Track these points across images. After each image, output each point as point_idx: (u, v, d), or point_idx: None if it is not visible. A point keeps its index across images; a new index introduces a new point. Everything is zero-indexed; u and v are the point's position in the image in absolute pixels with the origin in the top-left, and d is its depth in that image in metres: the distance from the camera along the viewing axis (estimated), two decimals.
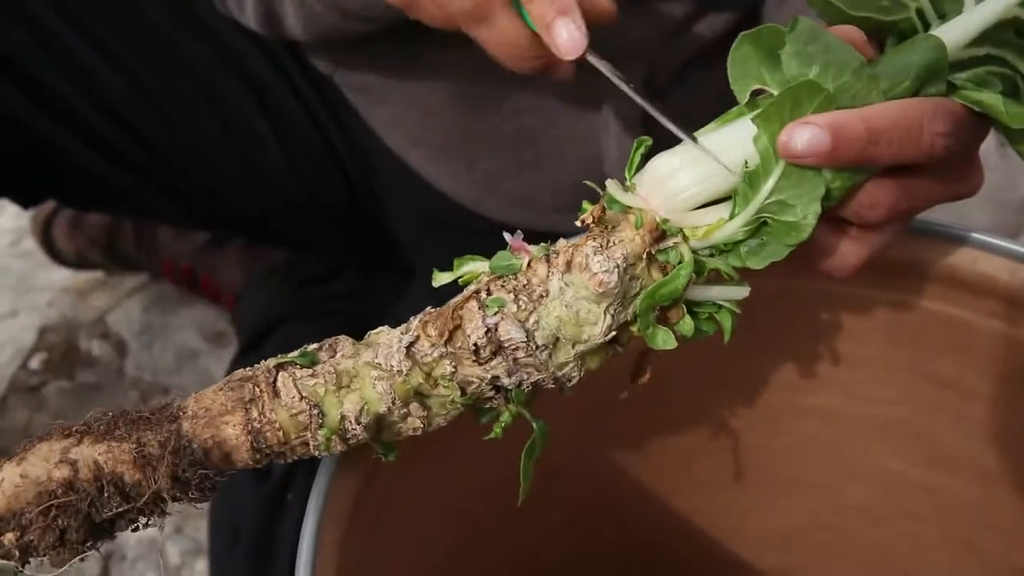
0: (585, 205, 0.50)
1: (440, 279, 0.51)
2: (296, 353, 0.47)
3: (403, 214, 0.95)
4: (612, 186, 0.49)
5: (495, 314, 0.47)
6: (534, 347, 0.47)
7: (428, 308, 0.49)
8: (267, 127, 0.92)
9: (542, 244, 0.49)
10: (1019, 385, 0.61)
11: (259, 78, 0.91)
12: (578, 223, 0.49)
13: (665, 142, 0.50)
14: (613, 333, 0.48)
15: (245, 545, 0.79)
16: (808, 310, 0.64)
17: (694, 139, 0.49)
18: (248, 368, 0.47)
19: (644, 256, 0.48)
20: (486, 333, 0.47)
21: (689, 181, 0.48)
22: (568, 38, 0.53)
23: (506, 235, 0.49)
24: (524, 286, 0.47)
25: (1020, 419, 0.62)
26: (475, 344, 0.47)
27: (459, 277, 0.50)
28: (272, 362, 0.47)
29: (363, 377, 0.47)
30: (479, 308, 0.47)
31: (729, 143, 0.48)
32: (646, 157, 0.50)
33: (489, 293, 0.48)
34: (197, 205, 0.98)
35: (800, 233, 0.47)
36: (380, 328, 0.49)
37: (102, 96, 0.88)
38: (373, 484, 0.54)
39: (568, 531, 0.73)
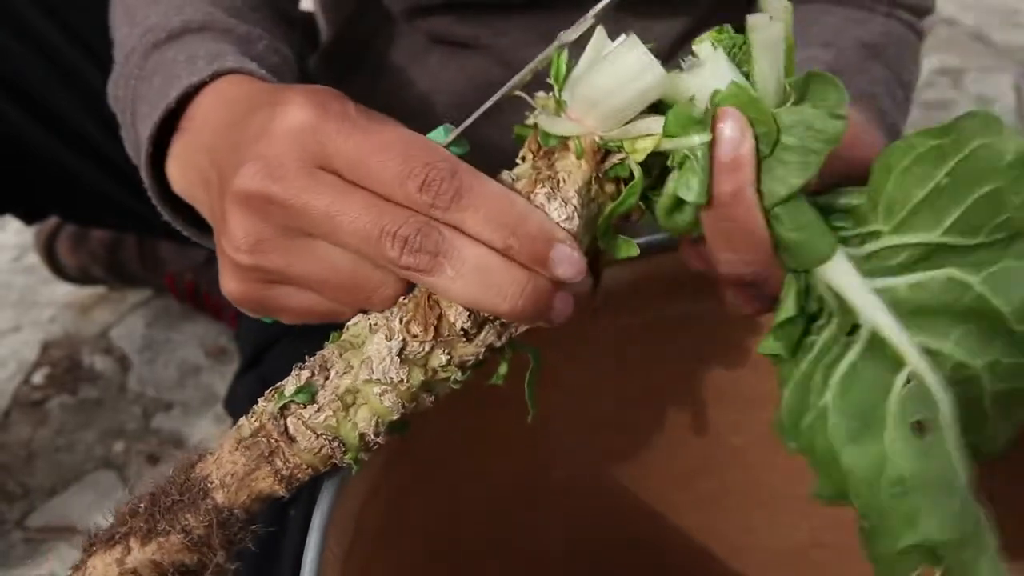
0: (518, 131, 0.49)
1: None
2: (292, 390, 0.46)
3: None
4: (544, 121, 0.47)
5: None
6: None
7: (400, 300, 0.47)
8: None
9: None
10: None
11: None
12: (519, 161, 0.48)
13: None
14: (586, 260, 0.46)
15: (248, 563, 0.79)
16: None
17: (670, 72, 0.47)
18: (251, 417, 0.47)
19: (593, 179, 0.47)
20: (469, 316, 0.46)
21: (626, 101, 0.46)
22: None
23: None
24: None
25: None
26: (463, 329, 0.46)
27: None
28: (272, 406, 0.47)
29: (367, 393, 0.46)
30: None
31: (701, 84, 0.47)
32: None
33: None
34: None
35: None
36: (356, 318, 0.48)
37: (104, 113, 0.88)
38: (376, 501, 0.54)
39: (569, 546, 0.73)
